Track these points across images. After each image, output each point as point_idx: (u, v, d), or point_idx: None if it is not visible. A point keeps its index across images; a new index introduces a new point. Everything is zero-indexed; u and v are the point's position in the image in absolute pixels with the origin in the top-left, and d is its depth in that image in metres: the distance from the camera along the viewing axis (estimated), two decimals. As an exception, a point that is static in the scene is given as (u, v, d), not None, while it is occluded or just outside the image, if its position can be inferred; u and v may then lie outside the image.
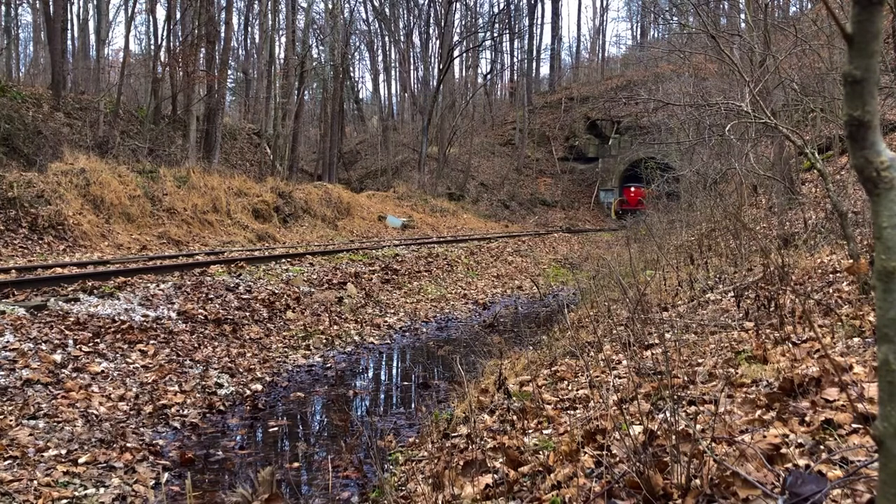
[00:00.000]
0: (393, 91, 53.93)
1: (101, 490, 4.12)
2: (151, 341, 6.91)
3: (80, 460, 4.41)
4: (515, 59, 49.47)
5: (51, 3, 21.84)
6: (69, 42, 29.29)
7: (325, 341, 8.66)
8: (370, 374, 7.99)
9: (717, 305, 5.86)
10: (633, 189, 38.04)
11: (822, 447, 2.27)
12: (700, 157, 14.38)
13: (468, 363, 6.88)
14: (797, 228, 8.26)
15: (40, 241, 11.46)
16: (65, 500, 3.94)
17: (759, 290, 5.04)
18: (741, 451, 2.19)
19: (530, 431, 3.57)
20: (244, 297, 9.10)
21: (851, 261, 4.57)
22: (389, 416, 6.00)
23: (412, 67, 46.50)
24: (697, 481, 2.08)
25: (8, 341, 5.85)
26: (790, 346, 3.69)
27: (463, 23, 44.40)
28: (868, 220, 5.89)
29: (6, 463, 4.19)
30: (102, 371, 5.95)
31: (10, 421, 4.70)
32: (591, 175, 39.40)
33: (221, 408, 6.02)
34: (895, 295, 0.93)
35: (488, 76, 49.62)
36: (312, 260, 12.61)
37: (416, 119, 43.05)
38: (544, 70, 54.73)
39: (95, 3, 31.80)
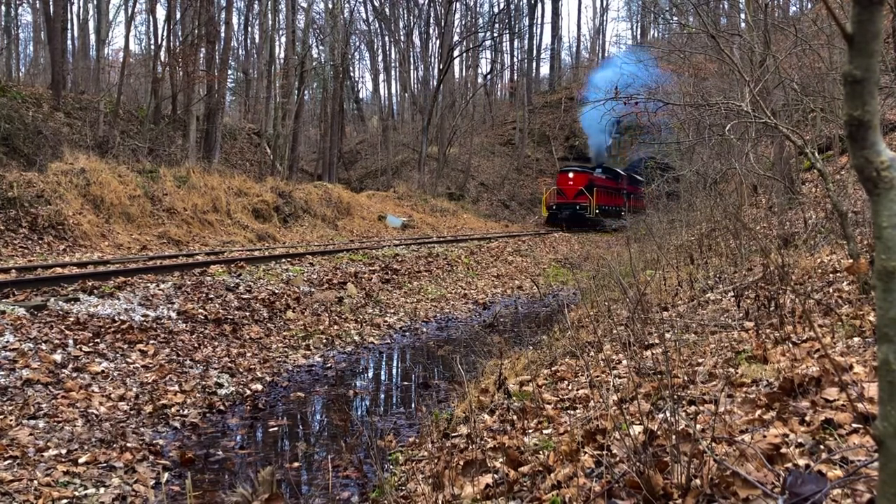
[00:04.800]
0: (393, 91, 54.01)
1: (102, 490, 4.12)
2: (151, 341, 6.91)
3: (81, 460, 4.41)
4: (515, 59, 49.52)
5: (51, 3, 21.85)
6: (69, 42, 29.30)
7: (325, 341, 8.66)
8: (370, 373, 7.99)
9: (717, 305, 5.86)
10: (570, 176, 28.35)
11: (822, 447, 2.27)
12: (700, 156, 14.38)
13: (468, 363, 6.88)
14: (797, 228, 8.26)
15: (40, 241, 11.46)
16: (65, 500, 3.94)
17: (759, 290, 5.04)
18: (741, 451, 2.19)
19: (530, 431, 3.57)
20: (244, 296, 9.10)
21: (851, 261, 4.57)
22: (389, 416, 6.00)
23: (412, 67, 46.52)
24: (697, 481, 2.08)
25: (8, 341, 5.85)
26: (790, 345, 3.69)
27: (463, 23, 44.45)
28: (868, 220, 5.89)
29: (6, 463, 4.18)
30: (102, 371, 5.95)
31: (10, 421, 4.70)
32: (592, 175, 39.32)
33: (221, 408, 6.02)
34: (895, 295, 0.93)
35: (488, 76, 49.64)
36: (312, 260, 12.61)
37: (416, 119, 43.07)
38: (544, 70, 54.80)
39: (95, 3, 31.80)
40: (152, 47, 26.11)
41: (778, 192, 9.92)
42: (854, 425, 2.35)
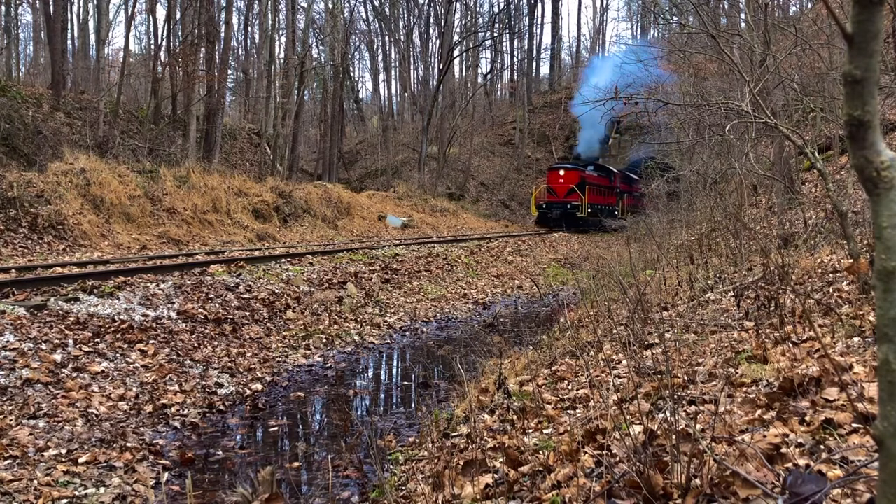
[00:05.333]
0: (393, 91, 54.06)
1: (102, 490, 4.12)
2: (151, 341, 6.91)
3: (81, 460, 4.41)
4: (515, 59, 49.54)
5: (51, 3, 21.85)
6: (69, 42, 29.28)
7: (325, 341, 8.66)
8: (370, 373, 7.99)
9: (717, 305, 5.86)
10: (561, 173, 27.20)
11: (822, 447, 2.27)
12: (700, 156, 14.38)
13: (468, 363, 6.88)
14: (797, 228, 8.26)
15: (40, 241, 11.46)
16: (65, 500, 3.94)
17: (759, 290, 5.05)
18: (741, 451, 2.19)
19: (530, 431, 3.57)
20: (244, 296, 9.10)
21: (851, 261, 4.57)
22: (389, 416, 6.00)
23: (412, 67, 46.54)
24: (697, 481, 2.08)
25: (8, 341, 5.85)
26: (790, 345, 3.69)
27: (463, 22, 44.44)
28: (868, 220, 5.89)
29: (6, 463, 4.18)
30: (102, 371, 5.95)
31: (10, 421, 4.70)
32: (592, 175, 39.24)
33: (221, 407, 6.02)
34: (895, 295, 0.93)
35: (488, 76, 49.66)
36: (312, 260, 12.61)
37: (416, 119, 43.09)
38: (544, 70, 54.85)
39: (95, 3, 31.79)
40: (152, 47, 26.14)
41: (778, 192, 9.91)
42: (854, 425, 2.35)
